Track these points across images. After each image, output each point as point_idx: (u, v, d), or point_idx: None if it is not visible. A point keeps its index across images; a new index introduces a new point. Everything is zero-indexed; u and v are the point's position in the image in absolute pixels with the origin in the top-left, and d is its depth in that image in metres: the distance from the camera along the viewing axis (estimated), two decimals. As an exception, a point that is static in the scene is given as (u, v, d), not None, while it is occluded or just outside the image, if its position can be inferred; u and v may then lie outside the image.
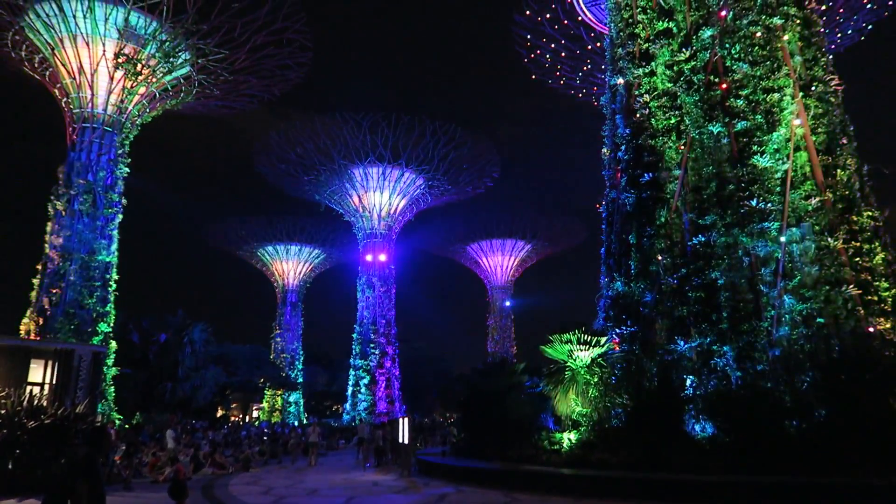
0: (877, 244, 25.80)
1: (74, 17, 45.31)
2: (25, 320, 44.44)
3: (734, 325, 24.51)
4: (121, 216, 48.60)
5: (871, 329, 23.72)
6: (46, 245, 46.08)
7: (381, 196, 75.31)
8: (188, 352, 59.81)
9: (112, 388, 46.15)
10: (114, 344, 47.04)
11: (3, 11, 44.93)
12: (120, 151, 49.04)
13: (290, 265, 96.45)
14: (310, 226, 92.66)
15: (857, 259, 25.35)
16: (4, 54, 49.41)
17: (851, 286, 24.54)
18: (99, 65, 47.04)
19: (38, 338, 42.07)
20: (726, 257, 25.61)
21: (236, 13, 47.69)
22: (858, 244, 25.48)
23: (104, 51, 46.84)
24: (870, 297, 24.61)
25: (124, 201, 48.96)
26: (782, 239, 25.34)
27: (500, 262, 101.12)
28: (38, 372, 28.86)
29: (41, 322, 43.80)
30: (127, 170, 49.64)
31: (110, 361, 46.12)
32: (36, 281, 45.64)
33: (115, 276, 47.79)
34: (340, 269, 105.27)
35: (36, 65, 49.04)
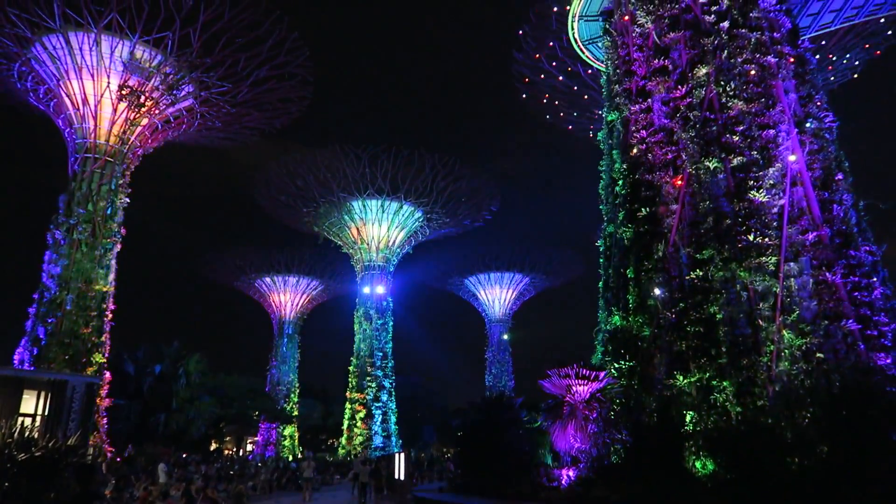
0: (875, 279, 25.84)
1: (81, 49, 46.05)
2: (20, 350, 44.09)
3: (733, 360, 24.35)
4: (119, 246, 48.64)
5: (872, 364, 23.58)
6: (43, 274, 45.99)
7: (379, 228, 75.52)
8: (183, 383, 59.14)
9: (105, 420, 45.54)
10: (108, 374, 46.58)
11: (10, 43, 45.67)
12: (121, 181, 49.33)
13: (287, 297, 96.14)
14: (308, 257, 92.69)
15: (856, 293, 25.35)
16: (10, 85, 50.06)
17: (851, 321, 24.48)
18: (103, 96, 47.63)
19: (32, 368, 41.67)
20: (724, 292, 25.58)
21: (240, 47, 48.52)
22: (857, 279, 25.51)
23: (109, 83, 47.49)
24: (870, 332, 24.54)
25: (123, 231, 49.06)
26: (780, 273, 25.36)
27: (499, 295, 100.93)
28: (30, 403, 28.52)
29: (35, 352, 43.44)
30: (127, 200, 49.88)
31: (104, 392, 45.60)
32: (32, 310, 45.42)
33: (112, 306, 47.60)
34: (338, 300, 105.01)
35: (41, 95, 49.66)
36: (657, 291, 26.97)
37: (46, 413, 28.76)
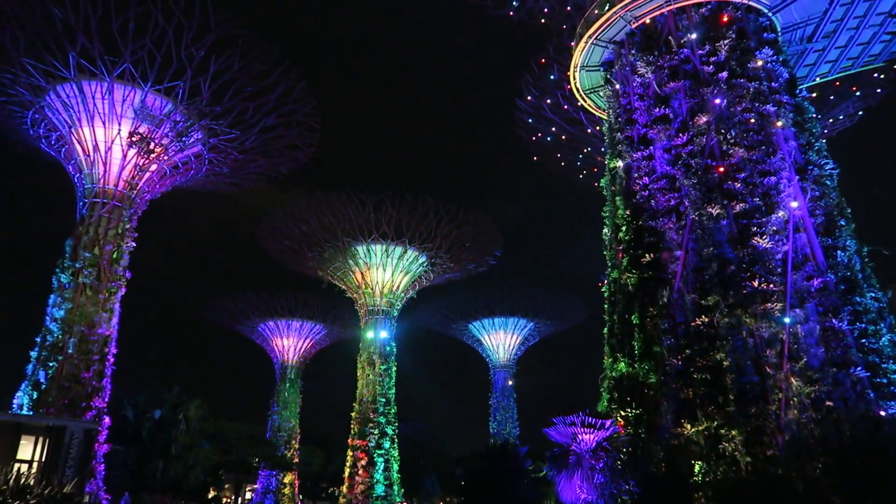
0: (882, 325, 25.66)
1: (94, 98, 47.09)
2: (19, 394, 43.71)
3: (742, 409, 24.01)
4: (124, 290, 48.73)
5: (883, 412, 23.20)
6: (47, 317, 45.95)
7: (383, 273, 75.59)
8: (182, 429, 58.20)
9: (102, 466, 44.76)
10: (106, 419, 46.01)
11: (25, 92, 46.77)
12: (127, 226, 49.74)
13: (290, 341, 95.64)
14: (311, 302, 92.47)
15: (864, 340, 25.14)
16: (23, 132, 51.05)
17: (859, 368, 24.21)
18: (113, 143, 48.46)
19: (31, 412, 41.22)
20: (730, 338, 25.41)
21: (249, 96, 49.53)
22: (864, 325, 25.35)
23: (119, 130, 48.38)
24: (879, 380, 24.23)
25: (128, 275, 49.21)
26: (786, 320, 25.21)
27: (503, 340, 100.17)
28: (27, 448, 28.13)
29: (35, 396, 43.06)
30: (133, 244, 50.18)
31: (102, 438, 44.96)
32: (33, 354, 45.23)
33: (114, 350, 47.39)
34: (341, 345, 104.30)
35: (53, 142, 50.54)
36: (662, 338, 26.79)
37: (44, 459, 28.34)
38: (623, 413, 26.87)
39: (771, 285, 25.89)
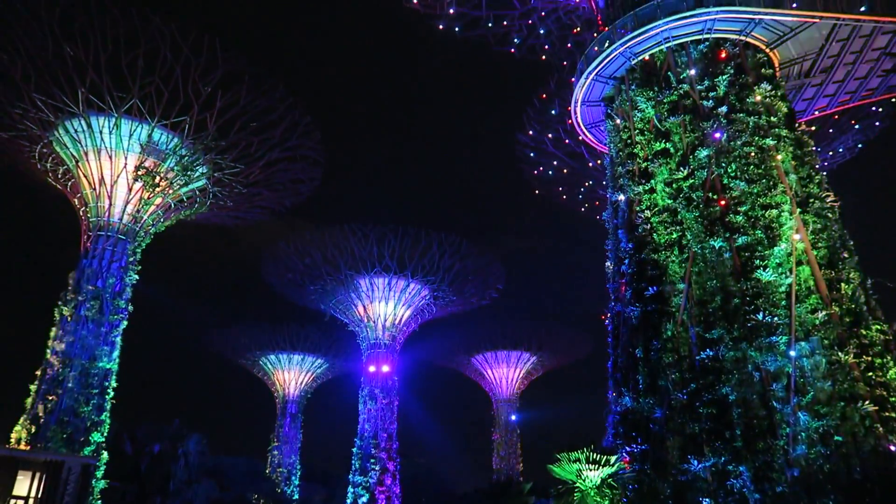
0: (889, 358, 25.43)
1: (101, 132, 47.74)
2: (17, 428, 43.29)
3: (749, 444, 23.66)
4: (125, 323, 48.67)
5: (893, 447, 22.83)
6: (48, 351, 45.82)
7: (386, 306, 75.40)
8: (182, 464, 57.54)
9: (99, 503, 44.04)
10: (105, 455, 45.45)
11: (34, 126, 47.45)
12: (131, 259, 49.93)
13: (291, 374, 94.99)
14: (313, 335, 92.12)
15: (871, 374, 24.89)
16: (30, 165, 51.62)
17: (867, 402, 23.92)
18: (119, 177, 48.95)
19: (29, 447, 40.77)
20: (736, 372, 25.18)
21: (254, 130, 50.19)
22: (870, 358, 25.13)
23: (125, 164, 48.92)
24: (887, 414, 23.92)
25: (130, 308, 49.22)
26: (792, 353, 25.01)
27: (506, 374, 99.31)
28: (24, 484, 27.78)
29: (33, 430, 42.63)
30: (136, 277, 50.31)
31: (100, 473, 44.34)
32: (33, 387, 44.94)
33: (114, 384, 47.10)
34: (342, 379, 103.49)
35: (59, 176, 51.07)
36: (667, 371, 26.56)
37: (40, 496, 27.94)
38: (628, 448, 26.48)
39: (775, 318, 25.77)
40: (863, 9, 31.86)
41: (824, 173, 31.50)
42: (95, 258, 48.30)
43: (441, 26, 46.99)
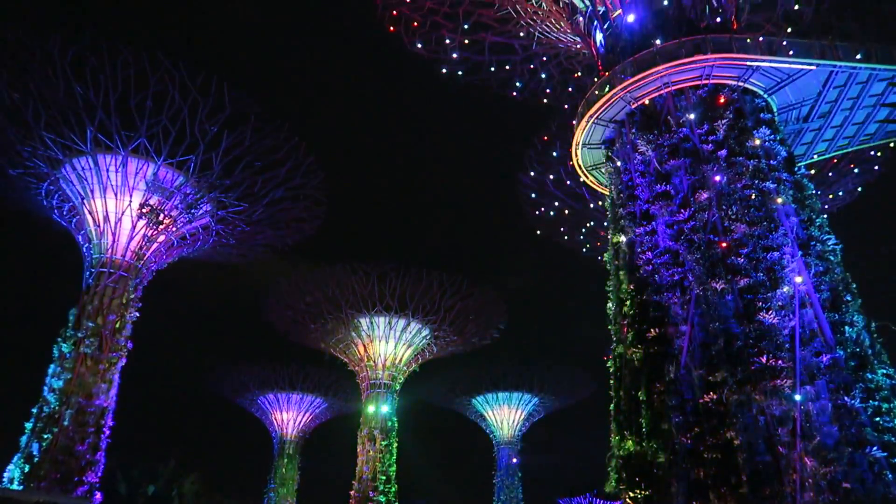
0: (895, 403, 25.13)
1: (108, 170, 48.32)
2: (11, 467, 42.60)
3: (755, 490, 23.19)
4: (125, 360, 48.39)
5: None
6: (45, 387, 45.44)
7: (386, 346, 74.94)
8: (176, 506, 56.32)
9: (90, 547, 43.01)
10: (98, 495, 44.58)
11: (42, 164, 48.06)
12: (133, 296, 49.93)
13: (290, 415, 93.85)
14: (312, 374, 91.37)
15: (878, 419, 24.57)
16: (36, 202, 52.11)
17: (875, 448, 23.53)
18: (124, 214, 49.33)
19: (22, 486, 40.04)
20: (740, 416, 24.86)
21: (258, 170, 50.80)
22: (877, 403, 24.84)
23: (130, 201, 49.36)
24: (896, 461, 23.51)
25: (130, 346, 49.00)
26: (797, 397, 24.73)
27: (507, 415, 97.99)
28: (15, 526, 27.15)
29: (27, 469, 41.94)
30: (137, 314, 50.23)
31: (93, 516, 43.44)
32: (28, 425, 44.42)
33: (110, 423, 46.54)
34: (341, 420, 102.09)
35: (65, 212, 51.49)
36: (671, 415, 26.22)
37: (31, 538, 27.31)
38: (632, 494, 25.97)
39: (780, 361, 25.55)
40: (858, 56, 32.54)
41: (825, 216, 31.67)
42: (97, 295, 48.29)
43: (445, 70, 48.02)
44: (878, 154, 48.57)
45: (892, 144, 42.06)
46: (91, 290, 48.61)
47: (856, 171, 51.52)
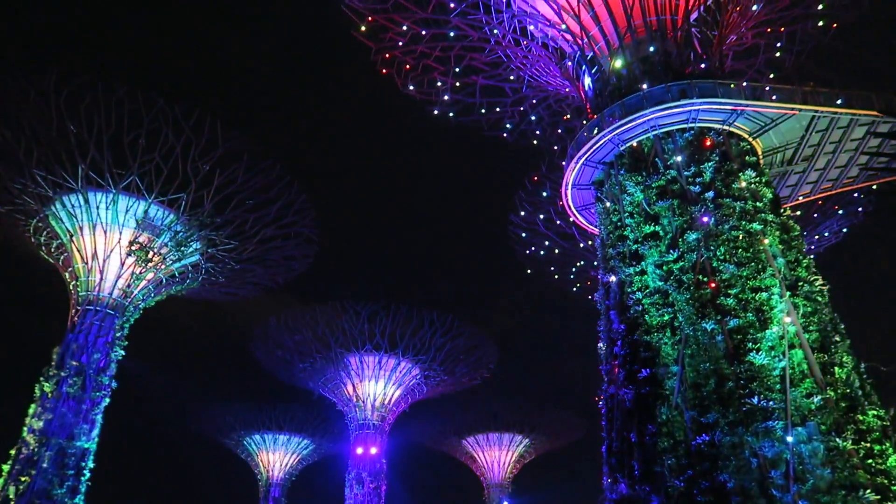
0: (888, 445, 25.01)
1: (98, 207, 48.24)
2: (-15, 512, 41.31)
3: (750, 535, 22.82)
4: (108, 400, 47.49)
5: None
6: (25, 428, 44.40)
7: (375, 385, 74.08)
8: (156, 554, 54.57)
9: None
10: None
11: (32, 201, 47.94)
12: (118, 334, 49.32)
13: (276, 456, 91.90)
14: (300, 414, 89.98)
15: (870, 461, 24.39)
16: (25, 239, 51.76)
17: (868, 490, 23.31)
18: (112, 251, 49.06)
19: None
20: (733, 458, 24.62)
21: (250, 208, 50.90)
22: (869, 445, 24.70)
23: (120, 238, 49.15)
24: (889, 503, 23.27)
25: (114, 384, 48.18)
26: (789, 439, 24.58)
27: (498, 457, 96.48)
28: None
29: (2, 515, 40.68)
30: (122, 353, 49.53)
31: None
32: (6, 467, 43.21)
33: (91, 465, 45.37)
34: (329, 461, 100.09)
35: (52, 250, 51.15)
36: (663, 457, 25.94)
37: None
38: (625, 539, 25.48)
39: (770, 402, 25.48)
40: (839, 102, 33.42)
41: (811, 257, 32.02)
42: (82, 333, 47.67)
43: (436, 111, 48.79)
44: (862, 196, 49.44)
45: (874, 187, 42.83)
46: (76, 328, 47.98)
47: (840, 212, 52.33)
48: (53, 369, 46.35)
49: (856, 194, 48.00)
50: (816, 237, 54.10)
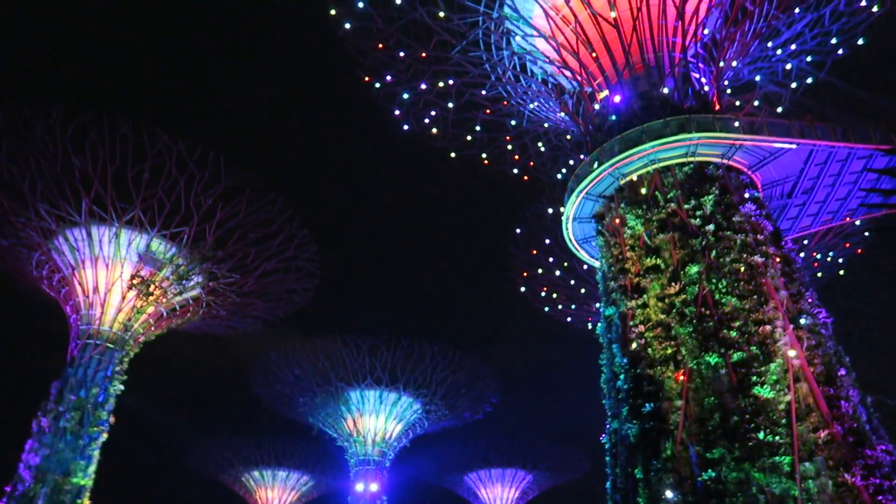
0: (897, 482, 24.55)
1: (100, 241, 48.41)
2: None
3: (759, 575, 22.27)
4: (105, 435, 46.95)
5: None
6: (21, 464, 43.81)
7: (376, 420, 73.23)
8: None
9: None
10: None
11: (35, 234, 48.13)
12: (118, 368, 49.03)
13: (275, 492, 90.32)
14: (300, 450, 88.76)
15: (880, 497, 23.92)
16: (26, 272, 51.82)
17: (879, 530, 22.82)
18: (114, 285, 49.06)
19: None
20: (740, 494, 24.19)
21: (251, 242, 51.08)
22: (878, 480, 24.25)
23: (121, 272, 49.20)
24: (901, 544, 22.75)
25: (112, 419, 47.67)
26: (797, 475, 24.17)
27: (500, 493, 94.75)
28: None
29: (-6, 555, 39.87)
30: (121, 387, 49.16)
31: None
32: (1, 506, 42.52)
33: (87, 502, 44.62)
34: (328, 498, 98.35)
35: (54, 283, 51.16)
36: (669, 494, 25.48)
37: None
38: (632, 580, 24.87)
39: (777, 437, 25.12)
40: (836, 135, 33.73)
41: (814, 289, 31.93)
42: (81, 367, 47.39)
43: (437, 145, 49.32)
44: (863, 227, 49.55)
45: (874, 219, 42.92)
46: (76, 361, 47.73)
47: (841, 244, 52.41)
48: (51, 404, 45.96)
49: (857, 224, 48.11)
50: (818, 269, 54.05)
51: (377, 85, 45.65)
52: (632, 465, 27.65)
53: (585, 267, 51.07)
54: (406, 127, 47.78)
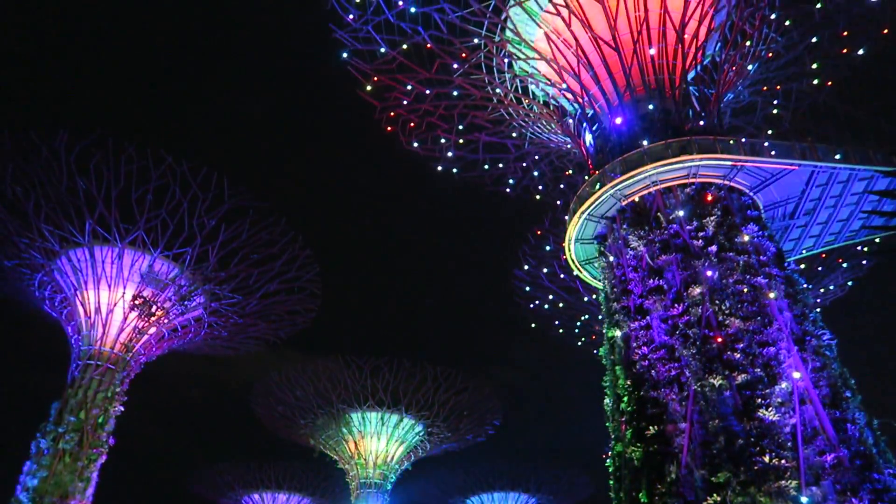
0: (906, 508, 24.19)
1: (103, 262, 48.47)
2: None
3: None
4: (105, 457, 46.57)
5: None
6: (18, 487, 43.42)
7: (378, 442, 72.58)
8: None
9: None
10: None
11: (38, 255, 48.23)
12: (118, 389, 48.79)
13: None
14: (300, 472, 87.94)
15: (889, 525, 23.56)
16: (29, 293, 51.85)
17: (889, 556, 22.43)
18: (116, 305, 49.02)
19: None
20: (747, 520, 23.83)
21: (254, 263, 51.10)
22: (886, 506, 23.90)
23: (124, 293, 49.19)
24: (911, 571, 22.34)
25: (112, 441, 47.33)
26: (804, 500, 23.83)
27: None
28: None
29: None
30: (121, 408, 48.88)
31: None
32: (-2, 530, 42.07)
33: (85, 527, 44.10)
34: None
35: (56, 304, 51.14)
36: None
37: None
38: None
39: (783, 461, 24.81)
40: (837, 157, 33.83)
41: (818, 311, 31.77)
42: (81, 388, 47.16)
43: (440, 168, 49.51)
44: (866, 249, 49.43)
45: (877, 240, 42.88)
46: (76, 382, 47.52)
47: (844, 265, 52.26)
48: (51, 425, 45.66)
49: (859, 247, 48.05)
50: (822, 290, 53.84)
51: (380, 107, 46.00)
52: (636, 489, 27.30)
53: (588, 288, 50.92)
54: (409, 149, 48.06)
